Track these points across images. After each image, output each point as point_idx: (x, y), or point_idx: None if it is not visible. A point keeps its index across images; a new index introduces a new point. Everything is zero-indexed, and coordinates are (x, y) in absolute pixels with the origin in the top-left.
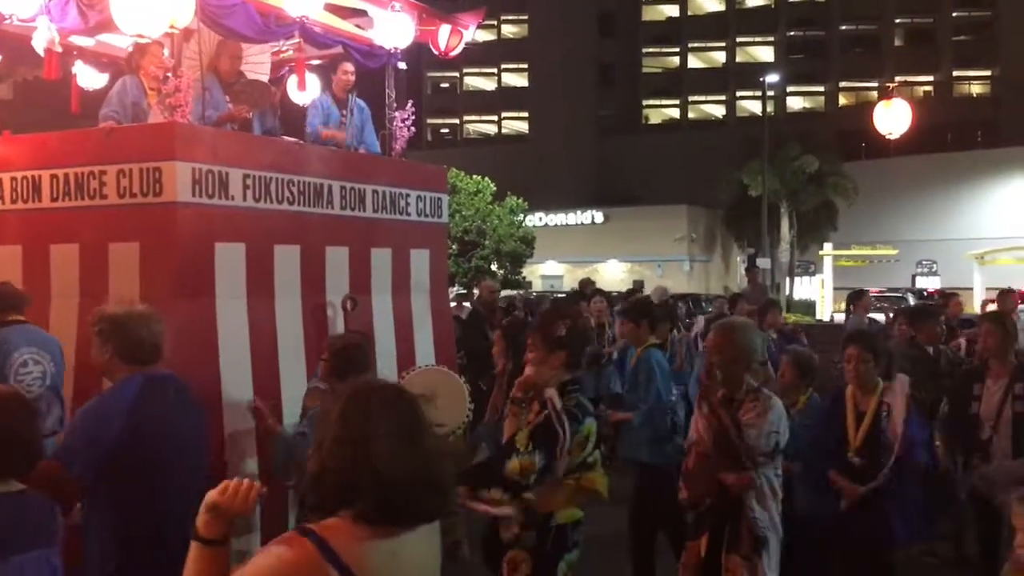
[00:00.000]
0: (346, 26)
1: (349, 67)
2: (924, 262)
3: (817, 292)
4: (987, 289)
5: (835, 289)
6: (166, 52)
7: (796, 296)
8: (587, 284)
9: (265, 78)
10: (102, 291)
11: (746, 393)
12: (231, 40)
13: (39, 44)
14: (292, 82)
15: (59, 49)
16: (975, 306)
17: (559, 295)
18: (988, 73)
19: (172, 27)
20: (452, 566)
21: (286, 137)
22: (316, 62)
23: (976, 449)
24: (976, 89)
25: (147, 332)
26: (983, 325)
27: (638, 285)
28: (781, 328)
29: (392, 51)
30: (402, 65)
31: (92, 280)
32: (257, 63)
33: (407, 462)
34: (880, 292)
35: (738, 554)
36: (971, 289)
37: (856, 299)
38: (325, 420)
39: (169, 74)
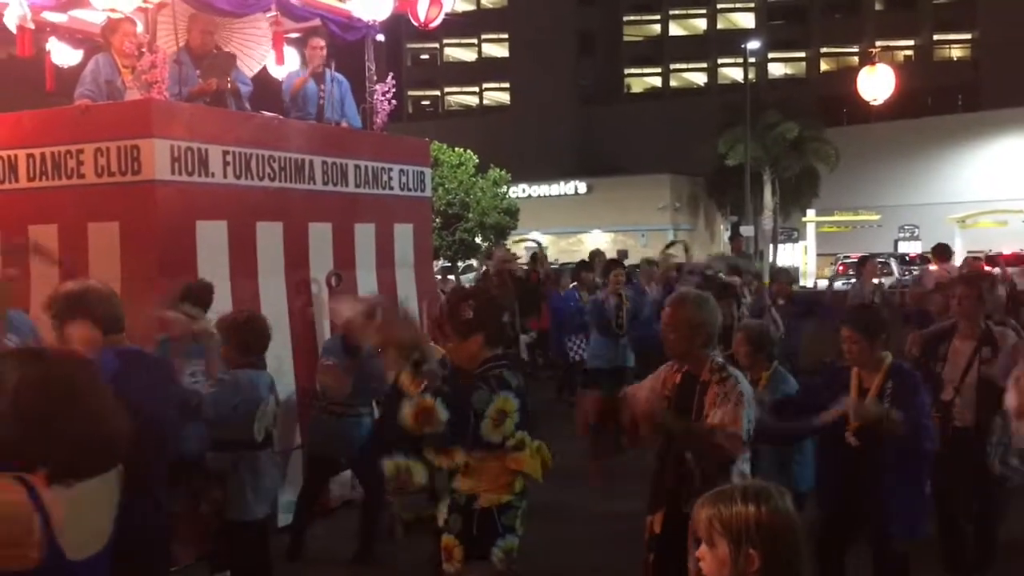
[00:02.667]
0: None
1: (319, 41)
2: (906, 227)
3: (800, 258)
4: (968, 252)
5: (818, 255)
6: (139, 27)
7: (780, 263)
8: (614, 254)
9: (266, 50)
10: (82, 271)
11: (711, 372)
12: (204, 13)
13: (11, 21)
14: (270, 55)
15: (31, 26)
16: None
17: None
18: (968, 37)
19: (146, 1)
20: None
21: (265, 112)
22: (294, 35)
23: (937, 410)
24: (956, 53)
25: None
26: (957, 287)
27: (622, 255)
28: (790, 297)
29: (371, 23)
30: (381, 37)
31: (72, 260)
32: (254, 35)
33: (87, 432)
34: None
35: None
36: (953, 253)
37: (860, 266)
38: None
39: (143, 50)
